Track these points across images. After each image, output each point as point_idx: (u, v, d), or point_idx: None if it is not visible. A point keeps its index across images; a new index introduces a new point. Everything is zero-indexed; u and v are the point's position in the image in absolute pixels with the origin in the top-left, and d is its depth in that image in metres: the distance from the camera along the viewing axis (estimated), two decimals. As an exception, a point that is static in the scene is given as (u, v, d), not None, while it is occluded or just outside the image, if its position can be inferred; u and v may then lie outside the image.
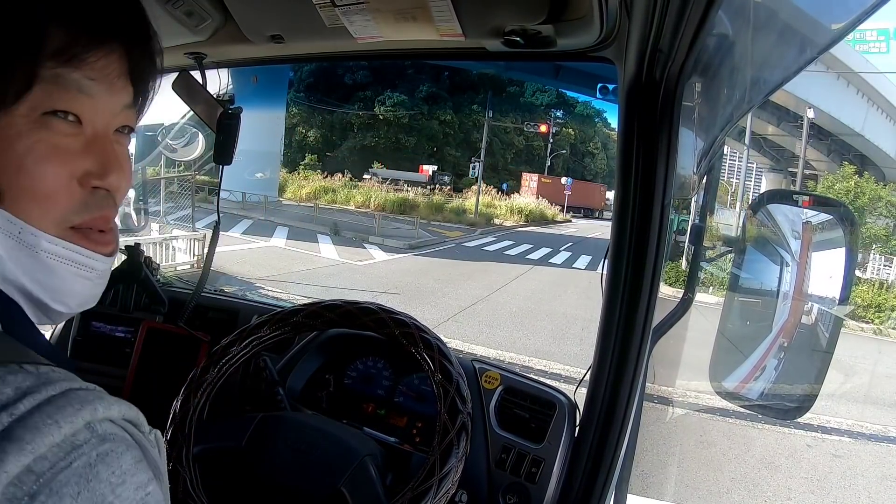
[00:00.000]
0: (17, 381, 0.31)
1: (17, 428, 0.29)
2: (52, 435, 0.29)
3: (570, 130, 34.68)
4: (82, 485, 0.29)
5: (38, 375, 0.32)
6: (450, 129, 30.56)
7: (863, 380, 6.83)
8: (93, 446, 0.30)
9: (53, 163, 0.38)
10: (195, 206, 9.47)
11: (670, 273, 6.10)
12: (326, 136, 29.77)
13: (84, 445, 0.30)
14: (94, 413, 0.31)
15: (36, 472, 0.28)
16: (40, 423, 0.29)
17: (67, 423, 0.30)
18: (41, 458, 0.29)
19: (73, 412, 0.30)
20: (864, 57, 17.48)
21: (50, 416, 0.30)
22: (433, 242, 14.74)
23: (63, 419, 0.30)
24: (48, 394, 0.31)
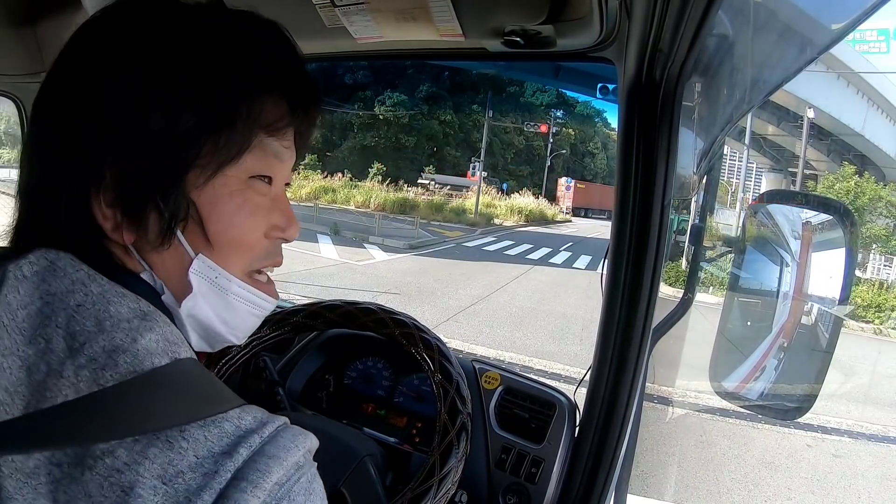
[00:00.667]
0: (253, 412, 0.38)
1: (269, 447, 0.36)
2: (294, 456, 0.37)
3: (570, 130, 34.70)
4: (305, 496, 0.37)
5: (260, 409, 0.39)
6: (450, 129, 30.57)
7: (863, 380, 6.83)
8: (309, 467, 0.38)
9: (256, 218, 0.46)
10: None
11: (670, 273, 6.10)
12: (326, 136, 29.75)
13: (304, 465, 0.38)
14: (311, 443, 0.40)
15: (280, 484, 0.35)
16: (286, 444, 0.37)
17: (301, 448, 0.38)
18: (286, 474, 0.36)
19: (302, 440, 0.38)
20: (864, 57, 17.49)
21: (291, 441, 0.37)
22: (433, 242, 14.75)
23: (299, 444, 0.38)
24: (278, 424, 0.38)
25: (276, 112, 0.45)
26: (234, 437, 0.36)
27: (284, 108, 0.46)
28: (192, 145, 0.41)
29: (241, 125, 0.43)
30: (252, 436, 0.36)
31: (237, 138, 0.43)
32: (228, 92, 0.42)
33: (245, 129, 0.43)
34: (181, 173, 0.41)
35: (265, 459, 0.35)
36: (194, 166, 0.41)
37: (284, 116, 0.46)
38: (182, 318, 0.44)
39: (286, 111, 0.46)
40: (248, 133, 0.43)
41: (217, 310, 0.46)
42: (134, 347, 0.36)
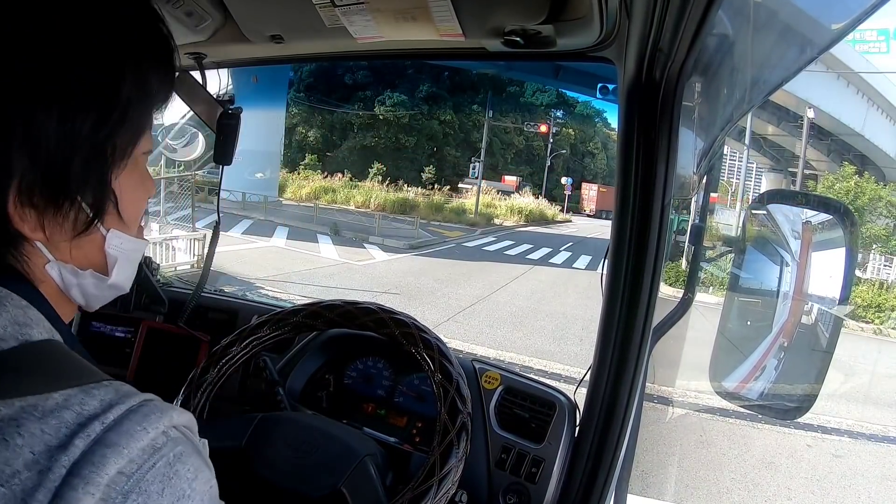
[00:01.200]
0: (101, 395, 0.35)
1: (111, 435, 0.33)
2: (142, 440, 0.34)
3: (570, 130, 34.68)
4: (165, 482, 0.34)
5: (116, 389, 0.36)
6: (450, 129, 30.55)
7: (863, 380, 6.83)
8: (170, 448, 0.35)
9: (147, 188, 0.49)
10: (195, 206, 9.47)
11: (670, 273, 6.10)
12: (326, 136, 29.76)
13: (163, 448, 0.35)
14: (170, 420, 0.36)
15: (126, 474, 0.33)
16: (131, 429, 0.34)
17: (153, 429, 0.35)
18: (131, 462, 0.33)
19: (155, 419, 0.35)
20: (864, 57, 17.48)
21: (139, 424, 0.34)
22: (433, 242, 14.74)
23: (149, 425, 0.35)
24: (129, 405, 0.35)
25: (165, 86, 0.46)
26: (73, 428, 0.33)
27: (168, 82, 0.46)
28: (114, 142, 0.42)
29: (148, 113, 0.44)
30: (92, 423, 0.33)
31: (144, 123, 0.44)
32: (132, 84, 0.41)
33: (149, 113, 0.45)
34: (107, 171, 0.42)
35: (102, 449, 0.32)
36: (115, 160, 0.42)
37: (169, 90, 0.47)
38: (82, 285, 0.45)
39: (169, 84, 0.47)
40: (150, 115, 0.45)
41: (126, 271, 0.48)
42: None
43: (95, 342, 1.29)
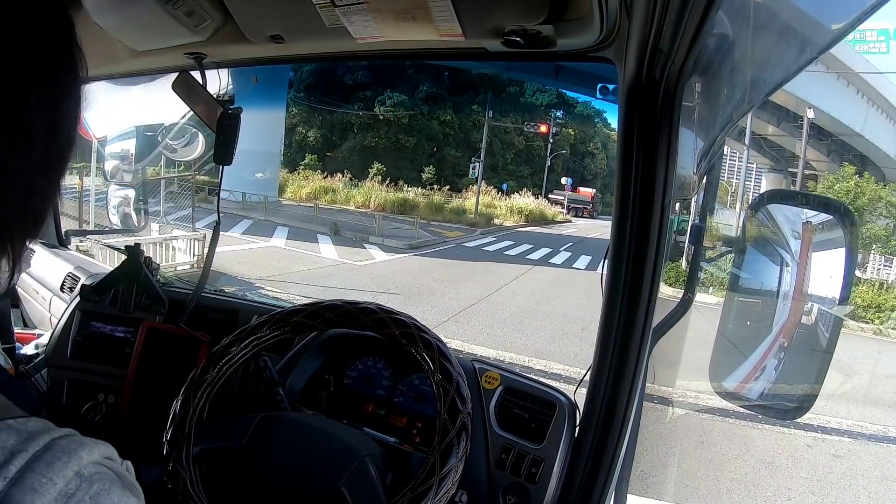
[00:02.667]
0: (3, 440, 0.31)
1: (15, 493, 0.29)
2: (49, 493, 0.30)
3: (570, 131, 34.64)
4: None
5: (19, 431, 0.32)
6: (450, 129, 30.52)
7: (863, 380, 6.83)
8: (84, 491, 0.32)
9: None
10: (195, 206, 9.48)
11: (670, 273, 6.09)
12: (326, 136, 29.73)
13: (77, 492, 0.31)
14: (80, 461, 0.32)
15: None
16: (35, 483, 0.30)
17: (60, 478, 0.31)
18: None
19: (62, 466, 0.31)
20: (864, 57, 17.47)
21: (43, 475, 0.30)
22: (433, 242, 14.74)
23: (55, 474, 0.31)
24: (34, 450, 0.31)
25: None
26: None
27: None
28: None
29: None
30: (6, 467, 0.30)
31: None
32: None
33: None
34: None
35: (18, 494, 0.29)
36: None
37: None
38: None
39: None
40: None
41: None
42: None
43: (95, 342, 1.29)
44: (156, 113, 2.36)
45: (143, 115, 2.46)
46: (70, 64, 0.37)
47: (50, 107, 0.36)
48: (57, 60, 0.36)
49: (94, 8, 0.87)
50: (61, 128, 0.37)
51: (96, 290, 1.27)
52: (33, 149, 0.35)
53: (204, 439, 0.86)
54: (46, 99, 0.35)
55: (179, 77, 1.11)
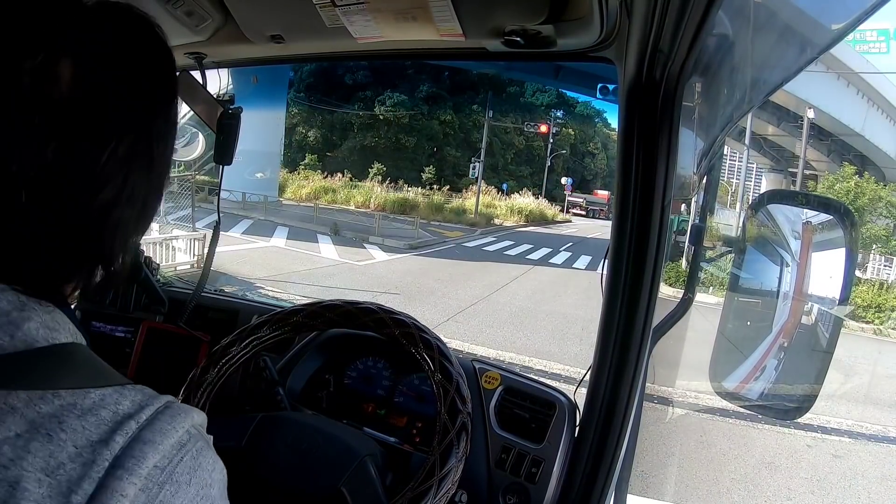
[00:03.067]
0: (132, 396, 0.39)
1: (145, 433, 0.37)
2: (172, 436, 0.38)
3: (570, 130, 34.64)
4: (192, 473, 0.38)
5: (142, 392, 0.40)
6: (450, 129, 30.53)
7: (863, 380, 6.83)
8: (192, 444, 0.39)
9: None
10: (195, 205, 9.47)
11: (670, 273, 6.10)
12: (326, 136, 29.73)
13: (187, 444, 0.39)
14: (191, 421, 0.40)
15: (160, 467, 0.37)
16: (164, 426, 0.38)
17: (180, 427, 0.39)
18: (164, 456, 0.37)
19: (181, 420, 0.39)
20: (864, 57, 17.48)
21: (168, 423, 0.38)
22: (433, 242, 14.75)
23: (178, 424, 0.39)
24: (157, 405, 0.39)
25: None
26: (111, 425, 0.36)
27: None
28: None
29: None
30: (128, 422, 0.37)
31: None
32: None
33: None
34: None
35: (140, 445, 0.36)
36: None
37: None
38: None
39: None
40: None
41: None
42: (11, 338, 0.37)
43: (95, 342, 1.29)
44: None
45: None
46: (176, 94, 0.47)
47: (165, 132, 0.45)
48: (170, 92, 0.46)
49: (95, 8, 0.87)
50: (170, 147, 0.47)
51: (96, 290, 1.27)
52: (153, 169, 0.44)
53: (204, 439, 0.86)
54: (164, 126, 0.45)
55: (179, 77, 1.10)
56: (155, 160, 0.44)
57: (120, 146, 0.40)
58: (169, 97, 0.46)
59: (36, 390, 0.36)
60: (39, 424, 0.35)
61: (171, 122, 0.46)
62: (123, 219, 0.42)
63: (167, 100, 0.45)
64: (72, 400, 0.36)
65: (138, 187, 0.42)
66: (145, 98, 0.43)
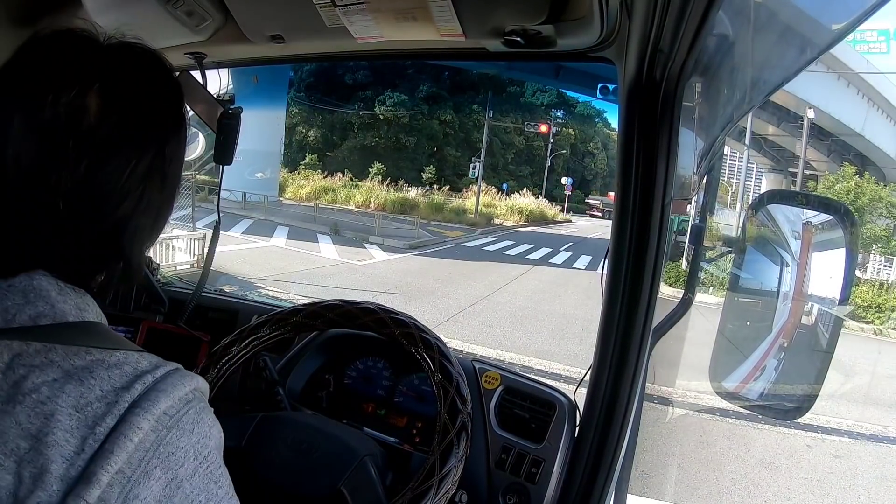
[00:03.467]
0: (148, 358, 0.47)
1: (160, 384, 0.45)
2: (181, 390, 0.46)
3: (570, 130, 34.62)
4: (195, 424, 0.46)
5: (157, 358, 0.48)
6: (450, 128, 30.51)
7: (863, 380, 6.83)
8: (196, 402, 0.47)
9: None
10: (195, 205, 9.47)
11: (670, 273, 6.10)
12: (327, 136, 29.71)
13: (193, 400, 0.47)
14: (198, 383, 0.48)
15: (169, 415, 0.44)
16: (175, 382, 0.46)
17: (188, 385, 0.47)
18: (173, 406, 0.45)
19: (189, 380, 0.47)
20: (864, 57, 17.46)
21: (178, 380, 0.46)
22: (433, 242, 14.74)
23: (186, 383, 0.47)
24: (168, 367, 0.47)
25: None
26: (132, 376, 0.45)
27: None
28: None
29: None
30: (146, 375, 0.45)
31: None
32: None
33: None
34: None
35: (155, 393, 0.44)
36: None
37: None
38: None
39: None
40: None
41: None
42: (52, 311, 0.46)
43: (95, 342, 1.29)
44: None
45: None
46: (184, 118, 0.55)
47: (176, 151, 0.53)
48: (180, 117, 0.54)
49: (95, 8, 0.87)
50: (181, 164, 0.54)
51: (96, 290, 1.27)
52: (166, 183, 0.52)
53: (204, 439, 0.86)
54: (175, 145, 0.53)
55: (179, 77, 1.10)
56: (168, 176, 0.52)
57: (139, 164, 0.48)
58: (179, 121, 0.54)
59: (71, 346, 0.44)
60: (73, 373, 0.43)
61: (181, 142, 0.54)
62: (140, 226, 0.51)
63: (177, 123, 0.53)
64: (100, 357, 0.45)
65: (153, 199, 0.51)
66: (159, 123, 0.51)
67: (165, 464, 0.43)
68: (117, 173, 0.47)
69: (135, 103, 0.49)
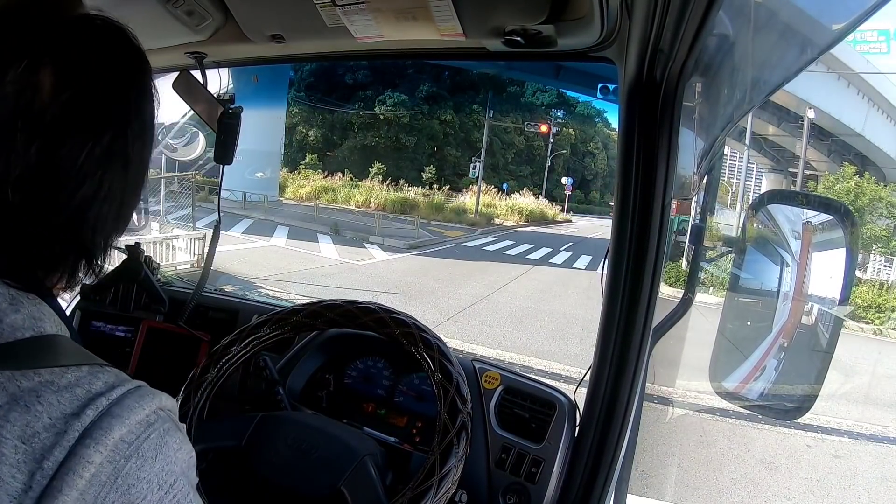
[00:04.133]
0: (105, 378, 0.42)
1: (115, 408, 0.40)
2: (139, 413, 0.41)
3: (570, 130, 34.61)
4: (157, 450, 0.41)
5: (115, 374, 0.43)
6: (450, 128, 30.50)
7: (863, 380, 6.83)
8: (160, 424, 0.42)
9: None
10: (195, 205, 9.47)
11: (670, 273, 6.10)
12: (327, 136, 29.70)
13: (156, 423, 0.42)
14: (160, 402, 0.43)
15: (127, 442, 0.40)
16: (131, 404, 0.41)
17: (147, 406, 0.42)
18: (130, 431, 0.40)
19: (149, 400, 0.42)
20: (864, 57, 17.45)
21: (136, 402, 0.42)
22: (433, 242, 14.75)
23: (145, 404, 0.42)
24: (128, 387, 0.42)
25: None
26: (84, 400, 0.40)
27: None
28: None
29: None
30: (99, 398, 0.40)
31: None
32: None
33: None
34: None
35: (108, 419, 0.39)
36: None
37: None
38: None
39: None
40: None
41: None
42: (1, 327, 0.41)
43: (95, 341, 1.29)
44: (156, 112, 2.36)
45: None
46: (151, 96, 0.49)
47: (141, 132, 0.47)
48: (145, 95, 0.48)
49: (95, 7, 0.87)
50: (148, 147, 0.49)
51: (96, 290, 1.27)
52: (129, 167, 0.47)
53: (204, 439, 0.86)
54: (139, 126, 0.47)
55: (180, 76, 1.11)
56: (131, 159, 0.47)
57: (97, 146, 0.43)
58: (143, 99, 0.48)
59: (17, 370, 0.39)
60: (19, 397, 0.38)
61: (147, 123, 0.48)
62: (102, 214, 0.45)
63: (142, 102, 0.48)
64: (50, 378, 0.40)
65: (115, 185, 0.45)
66: (120, 101, 0.46)
67: (125, 498, 0.39)
68: (72, 156, 0.42)
69: (92, 79, 0.44)
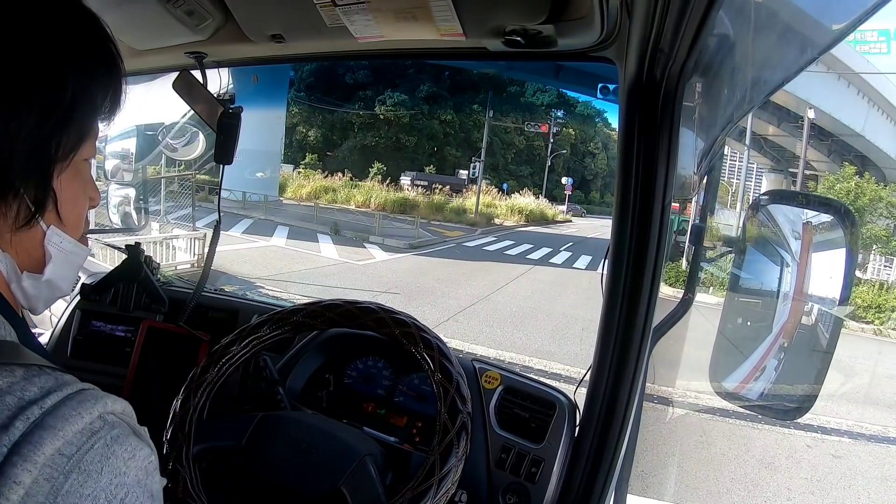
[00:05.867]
0: (41, 382, 0.38)
1: (48, 418, 0.36)
2: (77, 423, 0.36)
3: (570, 130, 34.62)
4: (103, 462, 0.36)
5: (56, 377, 0.39)
6: (450, 128, 30.52)
7: (863, 380, 6.83)
8: (107, 431, 0.38)
9: (87, 194, 0.52)
10: (196, 205, 9.47)
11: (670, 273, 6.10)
12: (327, 136, 29.72)
13: (100, 431, 0.37)
14: (105, 407, 0.39)
15: (66, 455, 0.35)
16: (67, 413, 0.36)
17: (87, 414, 0.37)
18: (69, 443, 0.36)
19: (90, 406, 0.38)
20: (864, 57, 17.44)
21: (74, 409, 0.37)
22: (433, 242, 14.75)
23: (84, 411, 0.37)
24: (67, 392, 0.38)
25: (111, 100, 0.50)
26: (14, 410, 0.35)
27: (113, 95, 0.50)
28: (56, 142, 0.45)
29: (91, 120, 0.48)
30: (31, 408, 0.36)
31: (87, 130, 0.48)
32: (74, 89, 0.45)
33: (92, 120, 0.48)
34: (49, 168, 0.45)
35: (40, 431, 0.35)
36: (56, 160, 0.45)
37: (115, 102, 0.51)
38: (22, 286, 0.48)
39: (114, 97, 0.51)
40: (94, 123, 0.49)
41: (63, 270, 0.51)
42: None
43: (95, 341, 1.29)
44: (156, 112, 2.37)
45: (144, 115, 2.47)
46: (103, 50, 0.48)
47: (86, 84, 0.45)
48: (90, 47, 0.47)
49: (95, 7, 0.87)
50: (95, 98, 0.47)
51: (96, 289, 1.27)
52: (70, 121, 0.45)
53: (204, 438, 0.86)
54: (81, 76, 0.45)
55: (180, 76, 1.11)
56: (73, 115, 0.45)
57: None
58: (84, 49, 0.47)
59: None
60: None
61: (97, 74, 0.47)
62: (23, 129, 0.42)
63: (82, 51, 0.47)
64: None
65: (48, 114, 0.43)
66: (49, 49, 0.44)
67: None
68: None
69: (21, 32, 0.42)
